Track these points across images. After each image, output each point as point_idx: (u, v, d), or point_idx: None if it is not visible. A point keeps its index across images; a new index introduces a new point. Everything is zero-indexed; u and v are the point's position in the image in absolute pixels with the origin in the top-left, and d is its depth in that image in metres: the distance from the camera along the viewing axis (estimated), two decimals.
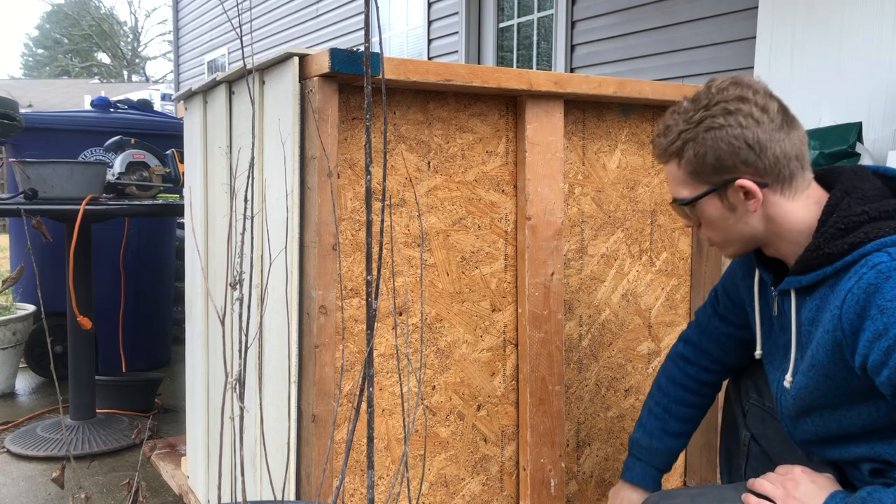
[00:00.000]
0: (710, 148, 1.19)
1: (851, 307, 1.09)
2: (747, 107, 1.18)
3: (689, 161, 1.22)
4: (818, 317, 1.18)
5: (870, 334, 1.07)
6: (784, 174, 1.19)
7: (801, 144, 1.20)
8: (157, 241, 3.78)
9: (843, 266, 1.13)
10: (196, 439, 2.06)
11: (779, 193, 1.20)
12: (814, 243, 1.17)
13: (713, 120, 1.18)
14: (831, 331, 1.13)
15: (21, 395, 3.46)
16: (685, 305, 2.06)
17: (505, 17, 5.46)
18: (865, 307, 1.08)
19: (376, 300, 1.02)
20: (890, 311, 1.05)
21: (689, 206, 1.27)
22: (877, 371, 1.07)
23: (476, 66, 1.58)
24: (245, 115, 1.67)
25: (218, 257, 1.86)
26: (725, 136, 1.18)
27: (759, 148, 1.17)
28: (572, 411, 1.89)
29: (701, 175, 1.22)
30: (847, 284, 1.11)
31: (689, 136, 1.21)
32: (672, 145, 1.23)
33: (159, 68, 51.35)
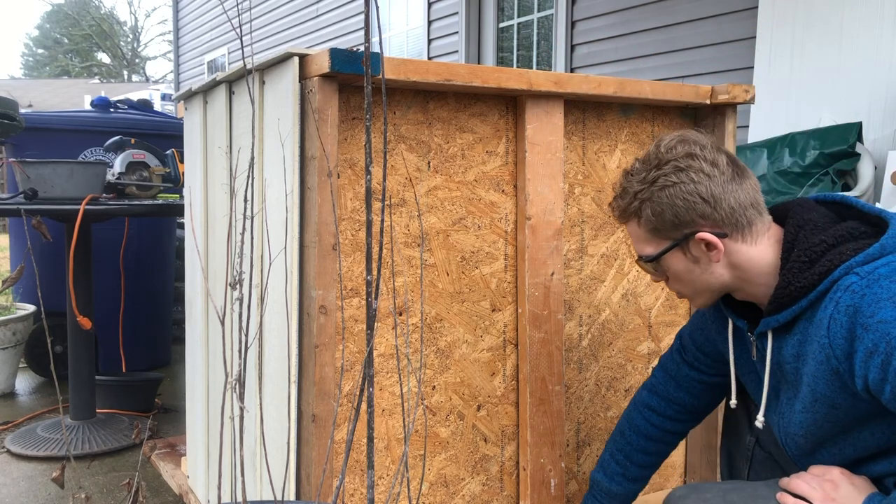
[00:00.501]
0: (667, 205, 1.23)
1: (838, 333, 1.11)
2: (697, 162, 1.22)
3: (647, 220, 1.26)
4: (802, 351, 1.19)
5: (862, 354, 1.08)
6: (742, 222, 1.23)
7: (755, 192, 1.24)
8: (157, 241, 3.78)
9: (816, 297, 1.15)
10: (196, 439, 2.06)
11: (739, 241, 1.24)
12: (783, 280, 1.20)
13: (666, 178, 1.23)
14: (825, 360, 1.14)
15: (21, 395, 3.46)
16: (685, 305, 2.06)
17: (505, 17, 5.46)
18: (851, 329, 1.09)
19: (376, 300, 1.02)
20: (873, 328, 1.06)
21: (653, 263, 1.30)
22: (879, 389, 1.08)
23: (476, 66, 1.58)
24: (245, 115, 1.67)
25: (218, 257, 1.86)
26: (679, 193, 1.22)
27: (714, 200, 1.21)
28: (572, 411, 1.89)
29: (661, 232, 1.26)
30: (826, 312, 1.13)
31: (644, 196, 1.25)
32: (630, 206, 1.28)
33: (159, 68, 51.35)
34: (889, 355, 1.04)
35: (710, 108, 1.96)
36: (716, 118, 1.97)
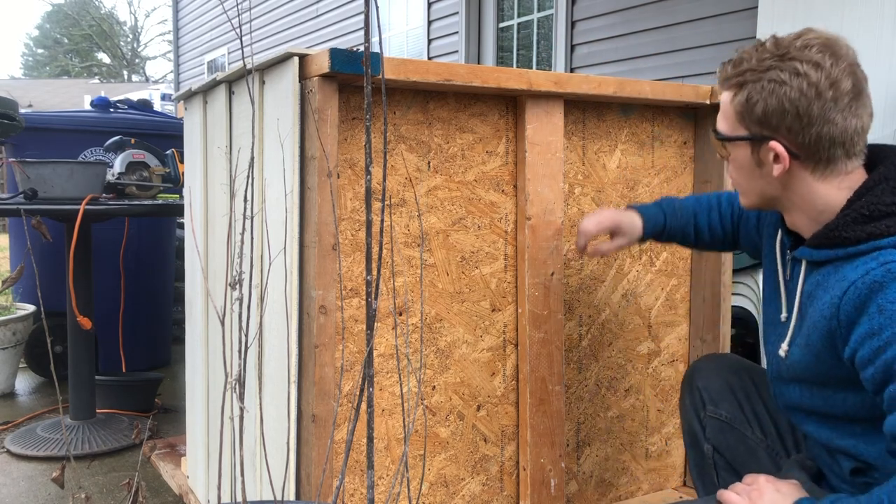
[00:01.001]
0: (764, 99, 1.16)
1: (852, 300, 1.08)
2: (817, 75, 1.13)
3: (740, 101, 1.19)
4: (815, 293, 1.18)
5: (864, 330, 1.07)
6: (821, 156, 1.16)
7: (857, 133, 1.15)
8: (157, 241, 3.78)
9: (855, 252, 1.11)
10: (196, 439, 2.06)
11: (809, 171, 1.17)
12: (834, 222, 1.15)
13: (779, 74, 1.14)
14: (828, 318, 1.13)
15: (21, 395, 3.46)
16: (685, 305, 2.06)
17: (505, 17, 5.46)
18: (866, 303, 1.07)
19: (376, 300, 1.02)
20: (889, 313, 1.04)
21: (722, 143, 1.26)
22: (863, 367, 1.08)
23: (476, 66, 1.58)
24: (245, 115, 1.67)
25: (218, 257, 1.86)
26: (782, 95, 1.14)
27: (807, 121, 1.14)
28: (572, 411, 1.89)
29: (745, 119, 1.20)
30: (853, 275, 1.10)
31: (751, 79, 1.17)
32: (735, 78, 1.20)
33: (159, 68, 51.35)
34: (887, 345, 1.03)
35: (710, 108, 1.96)
36: (715, 118, 1.97)
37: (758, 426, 1.49)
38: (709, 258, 2.02)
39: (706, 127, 1.99)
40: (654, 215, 1.62)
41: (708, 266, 2.02)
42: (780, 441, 1.48)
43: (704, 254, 2.03)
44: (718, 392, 1.53)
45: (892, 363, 1.03)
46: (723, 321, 2.00)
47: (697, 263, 2.05)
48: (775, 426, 1.48)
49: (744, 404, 1.51)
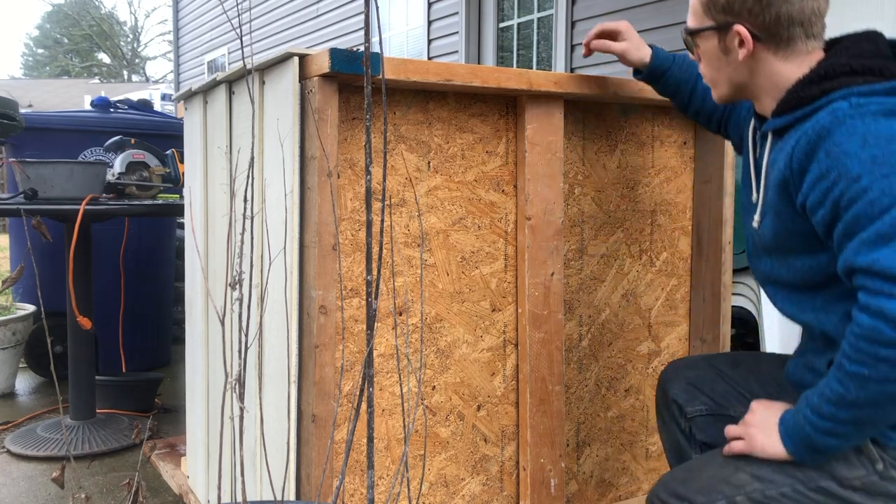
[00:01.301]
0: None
1: (802, 148, 1.14)
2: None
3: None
4: (775, 159, 1.24)
5: (814, 175, 1.12)
6: (781, 35, 1.22)
7: (814, 14, 1.23)
8: (157, 241, 3.78)
9: (811, 110, 1.17)
10: (196, 439, 2.06)
11: (771, 52, 1.24)
12: (793, 87, 1.22)
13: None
14: (783, 170, 1.19)
15: (21, 395, 3.46)
16: (685, 305, 2.06)
17: (505, 17, 5.46)
18: (815, 149, 1.12)
19: (376, 300, 1.02)
20: (835, 156, 1.09)
21: (691, 37, 1.33)
22: (813, 211, 1.14)
23: (476, 66, 1.58)
24: (245, 115, 1.67)
25: (218, 257, 1.86)
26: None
27: (766, 2, 1.20)
28: (572, 411, 1.89)
29: (710, 10, 1.27)
30: (806, 126, 1.15)
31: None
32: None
33: (159, 68, 51.33)
34: (834, 184, 1.09)
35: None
36: None
37: (736, 401, 1.52)
38: (709, 258, 2.02)
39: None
40: (664, 55, 1.67)
41: (708, 266, 2.02)
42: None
43: (704, 254, 2.03)
44: (686, 391, 1.56)
45: (839, 200, 1.09)
46: (723, 321, 2.01)
47: (697, 263, 2.05)
48: (750, 393, 1.51)
49: (715, 389, 1.54)
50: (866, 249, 1.06)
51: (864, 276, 1.06)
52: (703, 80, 1.63)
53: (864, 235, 1.06)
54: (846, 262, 1.09)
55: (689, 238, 2.05)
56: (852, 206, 1.08)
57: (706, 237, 2.02)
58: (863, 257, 1.06)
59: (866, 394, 1.06)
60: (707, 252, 2.02)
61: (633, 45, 1.68)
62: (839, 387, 1.09)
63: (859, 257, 1.06)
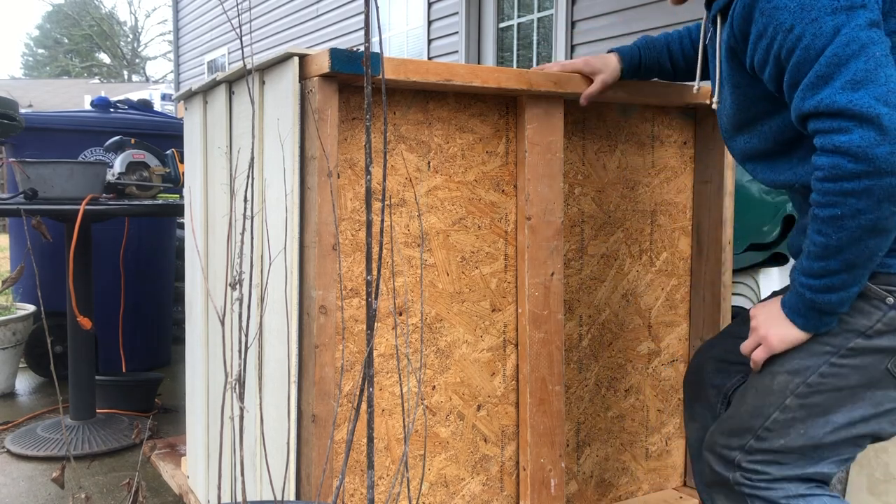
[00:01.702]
0: None
1: (739, 12, 1.20)
2: None
3: None
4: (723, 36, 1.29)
5: (754, 36, 1.18)
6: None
7: None
8: (157, 241, 3.78)
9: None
10: (196, 439, 2.06)
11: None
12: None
13: None
14: (728, 40, 1.24)
15: (21, 395, 3.46)
16: (685, 305, 2.06)
17: (505, 18, 5.46)
18: (751, 10, 1.18)
19: (376, 300, 1.02)
20: (768, 13, 1.14)
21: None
22: (762, 70, 1.19)
23: (476, 66, 1.58)
24: (245, 115, 1.67)
25: (218, 257, 1.86)
26: None
27: None
28: (572, 411, 1.89)
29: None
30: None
31: None
32: None
33: (159, 68, 51.33)
34: (772, 40, 1.14)
35: (711, 108, 1.96)
36: (716, 118, 1.97)
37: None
38: (709, 258, 2.02)
39: (706, 127, 1.99)
40: (629, 51, 1.70)
41: (708, 266, 2.02)
42: None
43: (704, 254, 2.03)
44: (717, 371, 1.56)
45: (779, 53, 1.14)
46: (723, 321, 2.00)
47: (697, 263, 2.05)
48: None
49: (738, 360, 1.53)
50: (810, 94, 1.10)
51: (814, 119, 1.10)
52: (673, 46, 1.69)
53: (807, 81, 1.10)
54: (797, 111, 1.13)
55: (689, 238, 2.05)
56: (791, 56, 1.12)
57: (706, 237, 2.02)
58: (809, 101, 1.10)
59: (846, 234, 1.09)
60: (707, 252, 2.02)
61: (598, 68, 1.69)
62: (819, 237, 1.12)
63: (806, 103, 1.10)
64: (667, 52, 1.69)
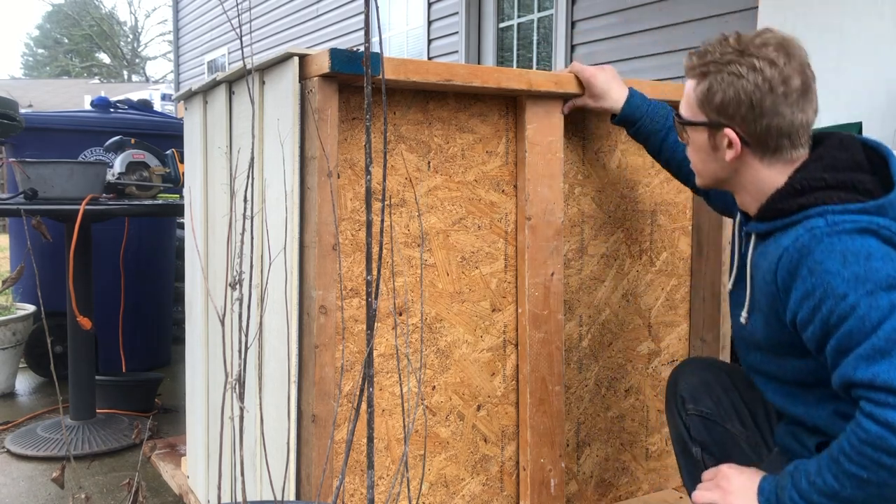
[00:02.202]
0: (723, 90, 1.26)
1: (785, 266, 1.19)
2: (772, 72, 1.23)
3: (703, 90, 1.29)
4: (759, 262, 1.28)
5: (799, 293, 1.16)
6: (769, 145, 1.26)
7: (802, 127, 1.26)
8: (157, 241, 3.78)
9: (789, 223, 1.22)
10: (196, 439, 2.06)
11: (758, 158, 1.28)
12: (772, 197, 1.27)
13: (738, 68, 1.24)
14: (769, 283, 1.23)
15: (21, 395, 3.46)
16: (685, 305, 2.06)
17: (505, 17, 5.46)
18: (797, 267, 1.17)
19: (376, 300, 1.02)
20: (818, 273, 1.13)
21: (682, 126, 1.37)
22: (803, 327, 1.18)
23: (476, 67, 1.58)
24: (245, 115, 1.67)
25: (218, 257, 1.86)
26: (739, 87, 1.24)
27: (759, 112, 1.24)
28: (572, 411, 1.89)
29: (705, 107, 1.30)
30: (785, 242, 1.20)
31: (713, 70, 1.27)
32: (699, 68, 1.30)
33: (159, 68, 51.31)
34: (821, 302, 1.13)
35: None
36: None
37: (737, 419, 1.54)
38: (709, 258, 2.02)
39: None
40: (640, 101, 1.71)
41: (708, 266, 2.02)
42: (759, 432, 1.53)
43: (704, 254, 2.03)
44: (696, 389, 1.58)
45: (829, 318, 1.12)
46: (723, 321, 2.01)
47: (697, 263, 2.05)
48: (753, 418, 1.54)
49: (722, 398, 1.56)
50: (864, 365, 1.08)
51: (866, 390, 1.08)
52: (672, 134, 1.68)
53: (861, 351, 1.09)
54: (844, 377, 1.11)
55: (689, 238, 2.05)
56: (843, 324, 1.11)
57: (706, 237, 2.02)
58: (862, 372, 1.08)
59: (863, 494, 1.09)
60: (707, 252, 2.02)
61: (598, 98, 1.71)
62: (834, 482, 1.11)
63: (858, 372, 1.09)
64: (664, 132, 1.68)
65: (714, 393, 1.56)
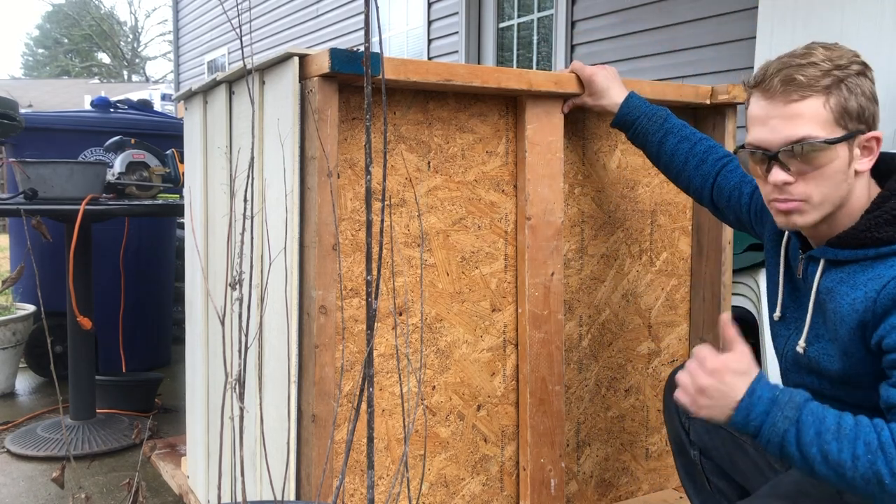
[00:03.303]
0: (858, 94, 1.16)
1: (890, 294, 1.11)
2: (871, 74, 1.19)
3: (839, 100, 1.15)
4: (837, 289, 1.19)
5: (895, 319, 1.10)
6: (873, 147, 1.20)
7: None
8: (157, 241, 3.78)
9: (888, 252, 1.14)
10: (196, 439, 2.06)
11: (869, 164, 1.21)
12: (862, 223, 1.17)
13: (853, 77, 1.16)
14: (861, 311, 1.14)
15: (21, 395, 3.46)
16: (685, 305, 2.06)
17: (505, 17, 5.46)
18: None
19: (376, 300, 1.02)
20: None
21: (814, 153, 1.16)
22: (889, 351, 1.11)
23: (476, 67, 1.58)
24: (245, 115, 1.67)
25: (218, 257, 1.86)
26: (867, 86, 1.17)
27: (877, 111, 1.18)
28: (572, 411, 1.89)
29: (843, 119, 1.16)
30: (890, 273, 1.12)
31: (842, 76, 1.15)
32: (825, 78, 1.15)
33: (159, 68, 51.31)
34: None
35: (710, 108, 1.96)
36: (716, 118, 1.97)
37: None
38: (709, 258, 2.02)
39: (706, 127, 1.99)
40: (639, 102, 1.68)
41: (708, 266, 2.02)
42: None
43: (704, 254, 2.03)
44: None
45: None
46: None
47: (697, 263, 2.05)
48: None
49: None
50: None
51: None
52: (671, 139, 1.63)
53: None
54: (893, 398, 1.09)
55: (689, 238, 2.05)
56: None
57: (706, 237, 2.02)
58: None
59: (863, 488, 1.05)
60: (707, 252, 2.02)
61: (597, 97, 1.70)
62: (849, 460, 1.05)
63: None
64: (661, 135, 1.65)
65: None
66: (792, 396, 1.11)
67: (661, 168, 1.70)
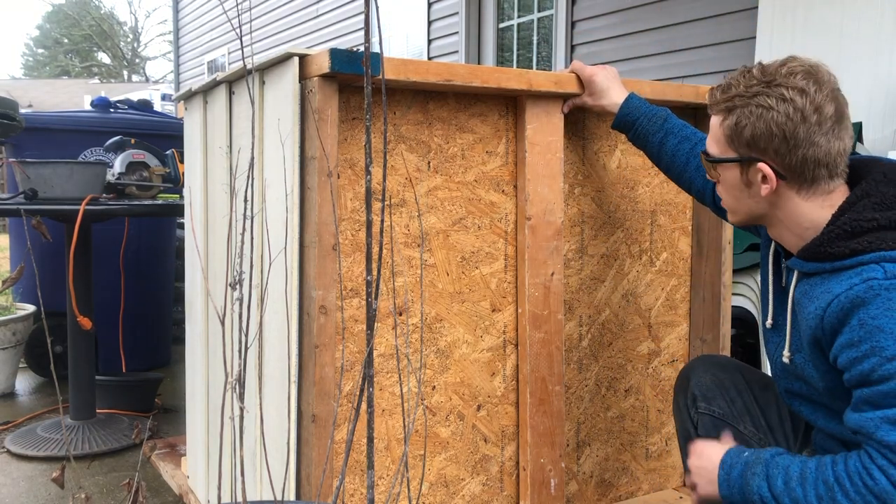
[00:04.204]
0: (752, 124, 1.22)
1: (835, 312, 1.15)
2: (802, 101, 1.19)
3: (729, 125, 1.25)
4: (802, 301, 1.25)
5: (844, 340, 1.14)
6: (806, 177, 1.22)
7: (839, 155, 1.21)
8: (157, 241, 3.78)
9: (840, 267, 1.17)
10: (196, 439, 2.06)
11: (794, 190, 1.24)
12: (819, 238, 1.21)
13: (766, 100, 1.20)
14: (813, 327, 1.20)
15: (21, 395, 3.46)
16: (685, 305, 2.06)
17: (505, 18, 5.46)
18: (848, 315, 1.13)
19: (376, 300, 1.02)
20: (868, 328, 1.11)
21: (712, 164, 1.32)
22: (843, 370, 1.17)
23: (476, 67, 1.58)
24: (245, 115, 1.67)
25: (218, 257, 1.86)
26: (769, 120, 1.20)
27: (793, 144, 1.19)
28: (572, 411, 1.89)
29: (734, 142, 1.26)
30: (837, 289, 1.15)
31: (739, 104, 1.23)
32: (724, 103, 1.26)
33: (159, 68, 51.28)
34: (865, 357, 1.11)
35: None
36: None
37: (749, 420, 1.53)
38: (709, 258, 2.02)
39: (706, 127, 1.99)
40: (639, 102, 1.69)
41: (708, 266, 2.02)
42: (771, 434, 1.52)
43: (704, 254, 2.03)
44: (709, 389, 1.56)
45: (869, 374, 1.11)
46: (723, 321, 2.01)
47: (697, 264, 2.05)
48: (766, 420, 1.53)
49: (735, 400, 1.54)
50: (889, 428, 1.09)
51: (885, 448, 1.09)
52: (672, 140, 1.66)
53: (891, 414, 1.09)
54: (864, 428, 1.12)
55: (689, 238, 2.05)
56: (883, 383, 1.10)
57: (706, 237, 2.02)
58: (885, 434, 1.09)
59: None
60: (707, 252, 2.02)
61: (597, 97, 1.71)
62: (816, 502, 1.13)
63: (880, 433, 1.10)
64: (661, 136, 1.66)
65: (728, 394, 1.54)
66: (759, 455, 1.22)
67: (663, 169, 1.70)
